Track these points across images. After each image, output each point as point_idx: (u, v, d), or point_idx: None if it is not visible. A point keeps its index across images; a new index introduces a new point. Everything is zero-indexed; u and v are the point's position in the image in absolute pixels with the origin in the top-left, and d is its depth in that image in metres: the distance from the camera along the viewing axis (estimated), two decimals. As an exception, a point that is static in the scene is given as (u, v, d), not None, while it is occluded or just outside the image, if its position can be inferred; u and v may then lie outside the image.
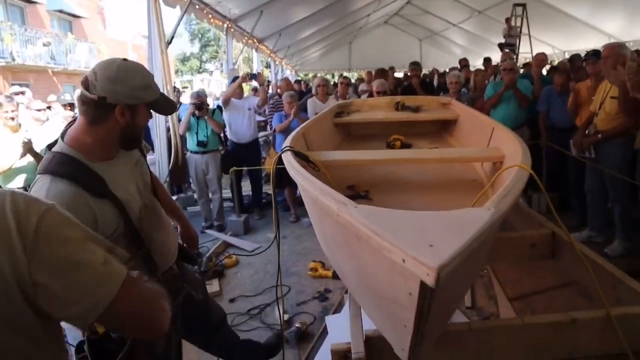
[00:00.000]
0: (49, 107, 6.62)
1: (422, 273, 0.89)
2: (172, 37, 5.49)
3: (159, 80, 4.98)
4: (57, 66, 18.01)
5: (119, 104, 1.59)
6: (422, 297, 1.01)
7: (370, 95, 6.27)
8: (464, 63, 9.24)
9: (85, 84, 1.59)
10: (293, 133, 3.32)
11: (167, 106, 1.81)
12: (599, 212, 4.35)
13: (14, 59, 15.58)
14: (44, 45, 17.07)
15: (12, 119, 4.34)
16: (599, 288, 1.57)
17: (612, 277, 1.89)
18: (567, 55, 11.34)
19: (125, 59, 1.66)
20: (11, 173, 4.29)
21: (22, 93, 7.23)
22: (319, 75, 11.27)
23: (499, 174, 2.23)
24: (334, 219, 1.40)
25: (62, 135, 1.67)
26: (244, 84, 6.41)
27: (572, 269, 2.29)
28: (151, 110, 1.76)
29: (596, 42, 10.50)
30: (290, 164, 2.13)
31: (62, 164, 1.54)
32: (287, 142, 2.99)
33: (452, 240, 0.96)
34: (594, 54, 4.50)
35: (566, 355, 1.56)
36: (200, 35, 37.28)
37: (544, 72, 6.60)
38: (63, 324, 1.12)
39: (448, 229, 1.05)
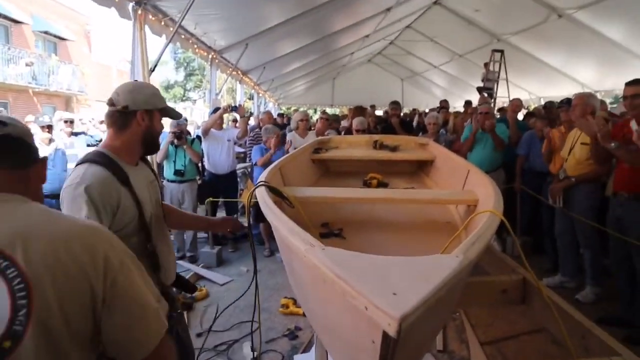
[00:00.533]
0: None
1: (384, 322, 0.87)
2: (156, 65, 5.50)
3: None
4: (39, 86, 17.84)
5: (139, 109, 1.89)
6: (385, 346, 0.98)
7: (349, 132, 6.34)
8: (444, 104, 9.45)
9: (111, 102, 1.89)
10: (269, 167, 3.32)
11: (174, 112, 2.14)
12: (569, 257, 4.40)
13: (-6, 77, 15.43)
14: (27, 65, 16.93)
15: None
16: (566, 337, 1.56)
17: (581, 326, 1.88)
18: (542, 101, 11.73)
19: (135, 80, 1.88)
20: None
21: (-2, 112, 7.12)
22: (301, 109, 11.38)
23: (471, 218, 2.23)
24: (301, 260, 1.38)
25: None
26: (224, 115, 6.42)
27: (542, 315, 2.29)
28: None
29: (570, 90, 10.91)
30: (263, 199, 2.11)
31: (97, 156, 1.84)
32: (263, 176, 2.98)
33: (416, 289, 0.94)
34: (567, 102, 4.66)
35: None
36: (185, 64, 37.53)
37: (520, 116, 6.79)
38: None
39: (413, 277, 1.03)
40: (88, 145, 6.39)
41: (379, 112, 11.80)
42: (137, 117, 1.90)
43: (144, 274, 1.20)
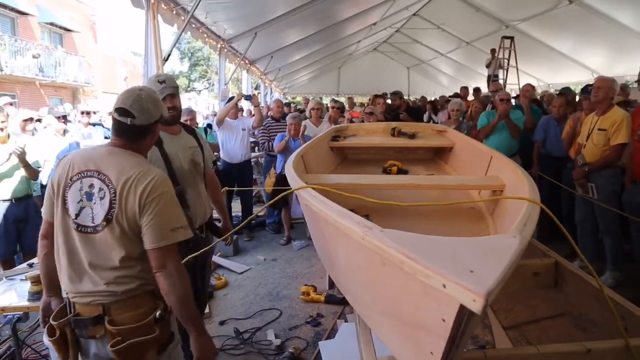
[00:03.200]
0: (38, 120, 6.55)
1: (467, 299, 0.88)
2: (169, 55, 5.49)
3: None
4: (45, 78, 17.81)
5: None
6: (458, 323, 1.00)
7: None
8: (464, 93, 9.37)
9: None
10: (293, 155, 3.32)
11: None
12: (589, 243, 4.40)
13: (1, 70, 15.39)
14: (34, 57, 16.89)
15: (1, 129, 4.25)
16: (617, 317, 1.57)
17: (620, 307, 1.89)
18: (551, 88, 11.67)
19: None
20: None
21: (11, 104, 7.13)
22: (311, 98, 11.35)
23: (498, 202, 2.23)
24: (355, 243, 1.39)
25: None
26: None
27: (575, 298, 2.30)
28: None
29: (579, 76, 10.86)
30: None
31: None
32: (289, 162, 3.01)
33: (492, 267, 0.96)
34: (587, 90, 4.62)
35: (580, 386, 1.55)
36: (190, 54, 37.39)
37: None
38: None
39: (483, 255, 1.05)
40: (106, 138, 6.41)
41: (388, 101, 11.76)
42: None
43: (176, 203, 1.83)
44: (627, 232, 4.11)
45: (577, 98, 6.39)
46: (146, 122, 1.83)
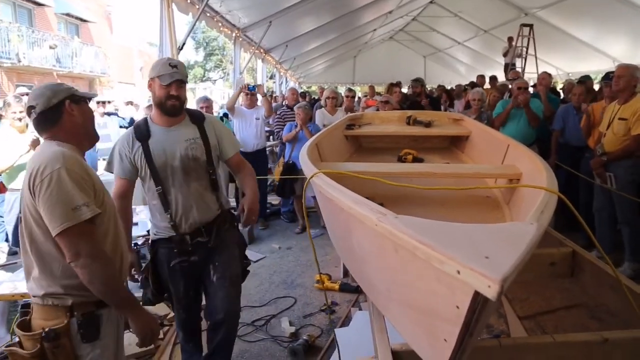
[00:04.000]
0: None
1: (482, 285, 0.87)
2: (184, 44, 5.51)
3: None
4: (63, 69, 18.02)
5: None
6: (472, 310, 0.99)
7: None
8: (481, 81, 9.23)
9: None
10: (308, 143, 3.32)
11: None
12: (607, 234, 4.34)
13: (19, 60, 15.61)
14: (51, 47, 17.09)
15: (20, 119, 4.32)
16: (635, 307, 1.54)
17: (639, 298, 1.86)
18: (570, 77, 11.44)
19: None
20: (13, 171, 4.27)
21: (28, 94, 7.25)
22: (326, 87, 11.31)
23: (515, 191, 2.21)
24: (369, 229, 1.38)
25: None
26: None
27: (592, 288, 2.27)
28: None
29: (600, 65, 10.61)
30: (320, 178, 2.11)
31: (139, 121, 2.62)
32: (303, 150, 3.00)
33: (508, 253, 0.95)
34: (608, 77, 4.52)
35: (597, 376, 1.53)
36: (205, 44, 37.43)
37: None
38: None
39: (498, 242, 1.03)
40: (120, 127, 6.48)
41: (403, 90, 11.67)
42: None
43: (73, 183, 1.63)
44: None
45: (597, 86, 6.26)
46: (46, 106, 1.75)
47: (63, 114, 1.78)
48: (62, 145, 1.75)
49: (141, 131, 2.44)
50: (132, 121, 7.21)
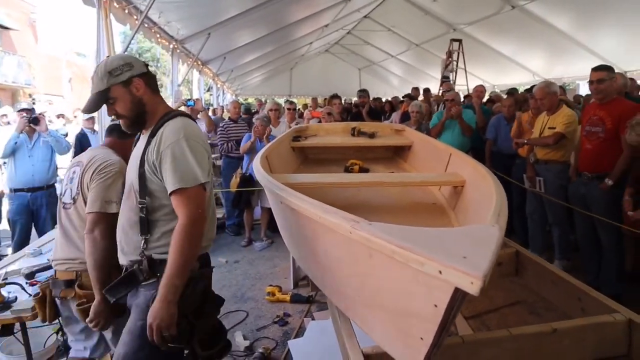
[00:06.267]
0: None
1: (465, 282, 0.95)
2: (123, 55, 5.34)
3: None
4: (-19, 79, 16.81)
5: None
6: (451, 307, 1.07)
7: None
8: (415, 93, 9.62)
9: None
10: (258, 155, 3.34)
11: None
12: (539, 234, 4.67)
13: None
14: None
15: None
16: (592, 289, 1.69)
17: (577, 290, 2.04)
18: (496, 89, 12.21)
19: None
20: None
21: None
22: (263, 99, 11.33)
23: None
24: (340, 237, 1.43)
25: None
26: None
27: (535, 285, 2.45)
28: None
29: (521, 78, 11.44)
30: (273, 184, 2.15)
31: None
32: (255, 162, 3.03)
33: (482, 252, 1.03)
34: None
35: (548, 364, 1.67)
36: (138, 55, 36.27)
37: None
38: None
39: (469, 243, 1.12)
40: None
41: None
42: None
43: (117, 184, 2.17)
44: (573, 223, 4.39)
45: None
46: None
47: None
48: None
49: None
50: (66, 134, 6.86)
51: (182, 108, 5.74)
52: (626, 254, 4.03)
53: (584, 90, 9.31)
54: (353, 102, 9.81)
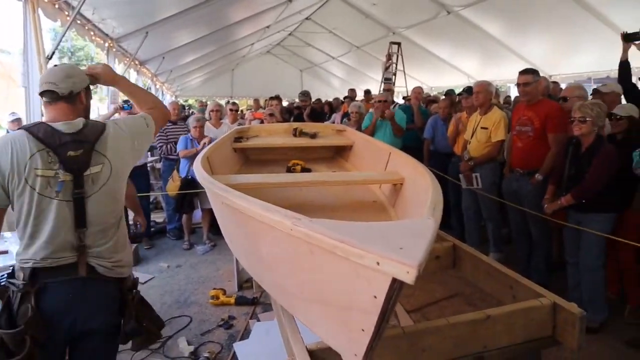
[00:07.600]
0: None
1: (401, 271, 0.99)
2: (53, 53, 5.08)
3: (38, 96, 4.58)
4: None
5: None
6: (389, 297, 1.10)
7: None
8: (352, 94, 9.76)
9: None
10: (199, 156, 3.28)
11: None
12: (474, 229, 4.90)
13: None
14: None
15: None
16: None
17: (509, 279, 2.16)
18: (433, 90, 12.65)
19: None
20: None
21: None
22: (204, 100, 11.12)
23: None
24: (282, 235, 1.44)
25: None
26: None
27: (472, 276, 2.56)
28: None
29: (456, 80, 11.92)
30: (212, 184, 2.13)
31: None
32: (196, 164, 2.98)
33: (418, 243, 1.07)
34: (467, 91, 5.13)
35: (482, 347, 1.76)
36: (70, 53, 34.46)
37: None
38: None
39: (407, 235, 1.16)
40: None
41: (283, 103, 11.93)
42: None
43: None
44: (506, 218, 4.63)
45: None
46: None
47: None
48: None
49: None
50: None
51: (117, 114, 5.50)
52: (552, 245, 4.31)
53: (515, 92, 9.84)
54: (295, 103, 9.83)
